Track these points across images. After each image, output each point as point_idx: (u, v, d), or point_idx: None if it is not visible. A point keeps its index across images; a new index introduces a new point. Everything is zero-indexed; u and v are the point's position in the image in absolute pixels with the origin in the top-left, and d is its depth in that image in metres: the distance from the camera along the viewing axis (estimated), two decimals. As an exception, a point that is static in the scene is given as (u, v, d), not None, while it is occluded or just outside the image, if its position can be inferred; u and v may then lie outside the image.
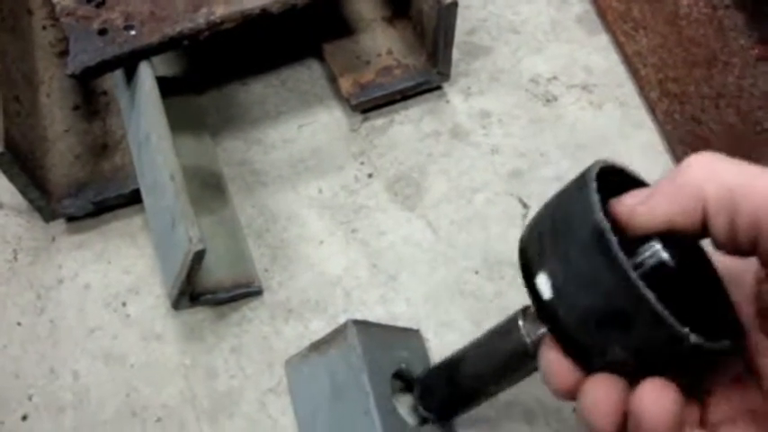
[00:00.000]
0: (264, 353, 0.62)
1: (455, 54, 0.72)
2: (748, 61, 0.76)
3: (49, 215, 0.67)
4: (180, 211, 0.56)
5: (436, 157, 0.71)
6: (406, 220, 0.67)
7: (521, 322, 0.43)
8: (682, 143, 0.71)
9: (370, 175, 0.70)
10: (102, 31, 0.64)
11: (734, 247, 0.33)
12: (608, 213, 0.35)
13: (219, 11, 0.65)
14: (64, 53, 0.75)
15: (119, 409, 0.60)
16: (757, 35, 0.77)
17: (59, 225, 0.69)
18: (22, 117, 0.66)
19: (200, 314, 0.64)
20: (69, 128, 0.71)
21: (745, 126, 0.72)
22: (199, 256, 0.55)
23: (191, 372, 0.61)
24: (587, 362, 0.36)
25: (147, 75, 0.64)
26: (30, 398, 0.61)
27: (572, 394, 0.37)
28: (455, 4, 0.66)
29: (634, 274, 0.33)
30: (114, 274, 0.66)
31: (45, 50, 0.76)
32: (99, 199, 0.67)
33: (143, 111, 0.63)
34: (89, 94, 0.73)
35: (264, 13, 0.65)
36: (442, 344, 0.61)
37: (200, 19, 0.64)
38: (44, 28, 0.77)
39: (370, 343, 0.55)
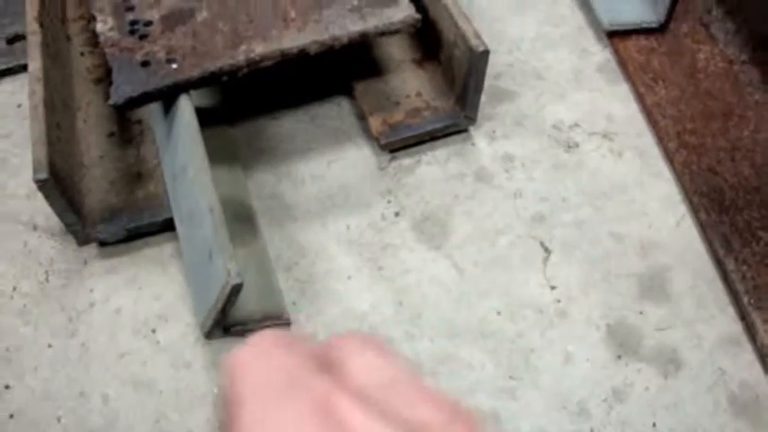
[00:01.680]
0: (291, 384, 0.63)
1: (481, 98, 0.74)
2: (763, 115, 0.78)
3: (82, 239, 0.68)
4: (218, 243, 0.58)
5: (461, 199, 0.73)
6: (432, 260, 0.69)
7: None
8: (698, 193, 0.73)
9: (396, 214, 0.72)
10: (145, 63, 0.66)
11: None
12: None
13: (259, 49, 0.67)
14: (100, 80, 0.77)
15: (147, 434, 0.61)
16: (772, 91, 0.80)
17: (91, 249, 0.70)
18: (62, 143, 0.68)
19: (228, 343, 0.65)
20: (104, 154, 0.73)
21: (760, 178, 0.74)
22: (236, 290, 0.57)
23: (219, 400, 0.62)
24: None
25: (186, 108, 0.65)
26: (59, 419, 0.62)
27: None
28: (487, 52, 0.68)
29: None
30: (145, 301, 0.68)
31: (82, 77, 0.78)
32: (132, 226, 0.69)
33: (181, 142, 0.65)
34: (124, 122, 0.75)
35: (302, 53, 0.67)
36: (466, 383, 0.63)
37: (240, 56, 0.67)
38: (82, 54, 0.79)
39: None
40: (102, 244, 0.70)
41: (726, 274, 0.69)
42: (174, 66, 0.67)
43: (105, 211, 0.69)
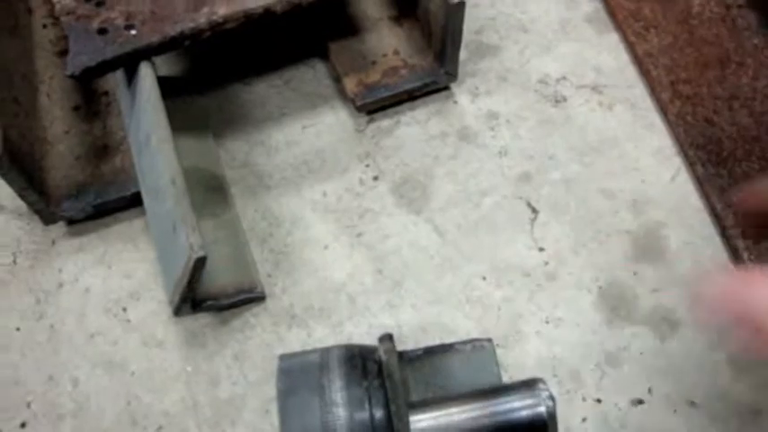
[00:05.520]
0: (267, 360, 0.60)
1: (462, 54, 0.71)
2: (762, 62, 0.74)
3: (48, 218, 0.66)
4: (181, 216, 0.55)
5: (443, 160, 0.69)
6: (413, 224, 0.66)
7: None
8: (694, 146, 0.69)
9: (375, 178, 0.69)
10: (103, 31, 0.63)
11: None
12: None
13: (221, 10, 0.63)
14: (64, 52, 0.74)
15: (119, 416, 0.59)
16: (771, 35, 0.75)
17: (59, 228, 0.68)
18: (21, 118, 0.65)
19: (201, 320, 0.62)
20: (69, 129, 0.70)
21: (759, 128, 0.70)
22: (200, 264, 0.54)
23: (192, 379, 0.60)
24: None
25: (147, 75, 0.62)
26: (28, 405, 0.60)
27: None
28: (463, 4, 0.64)
29: None
30: (115, 279, 0.65)
31: (45, 49, 0.75)
32: (99, 202, 0.66)
33: (143, 112, 0.62)
34: (90, 95, 0.72)
35: (267, 13, 0.64)
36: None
37: (202, 18, 0.63)
38: (44, 27, 0.76)
39: None
40: (71, 222, 0.68)
41: (724, 229, 0.65)
42: (133, 32, 0.63)
43: (71, 187, 0.67)
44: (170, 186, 0.56)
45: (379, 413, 0.45)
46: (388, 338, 0.49)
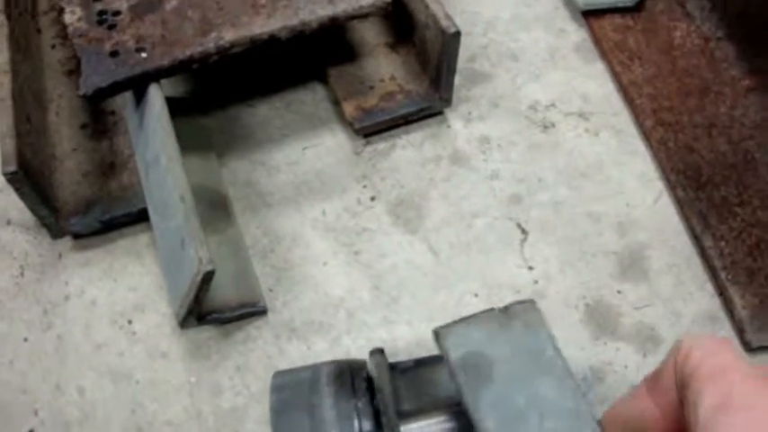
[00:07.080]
0: (269, 371, 0.63)
1: (456, 80, 0.74)
2: (739, 92, 0.78)
3: (56, 232, 0.68)
4: (190, 232, 0.57)
5: (437, 182, 0.72)
6: (408, 244, 0.69)
7: None
8: (675, 171, 0.73)
9: (372, 198, 0.72)
10: (114, 53, 0.66)
11: None
12: None
13: (228, 36, 0.66)
14: (72, 72, 0.77)
15: (124, 425, 0.61)
16: (748, 66, 0.79)
17: (66, 242, 0.70)
18: (33, 136, 0.67)
19: (205, 332, 0.65)
20: (77, 146, 0.72)
21: (736, 155, 0.74)
22: (208, 277, 0.56)
23: (196, 389, 0.62)
24: None
25: (157, 97, 0.65)
26: (36, 413, 0.62)
27: None
28: (458, 34, 0.67)
29: None
30: (120, 292, 0.67)
31: (54, 69, 0.77)
32: (106, 217, 0.68)
33: (152, 132, 0.65)
34: (97, 114, 0.75)
35: (272, 39, 0.67)
36: (443, 365, 0.62)
37: (210, 43, 0.66)
38: (53, 47, 0.79)
39: None
40: (77, 236, 0.70)
41: (703, 250, 0.69)
42: (144, 55, 0.66)
43: (79, 203, 0.69)
44: (179, 203, 0.59)
45: (367, 426, 0.47)
46: (378, 353, 0.51)
